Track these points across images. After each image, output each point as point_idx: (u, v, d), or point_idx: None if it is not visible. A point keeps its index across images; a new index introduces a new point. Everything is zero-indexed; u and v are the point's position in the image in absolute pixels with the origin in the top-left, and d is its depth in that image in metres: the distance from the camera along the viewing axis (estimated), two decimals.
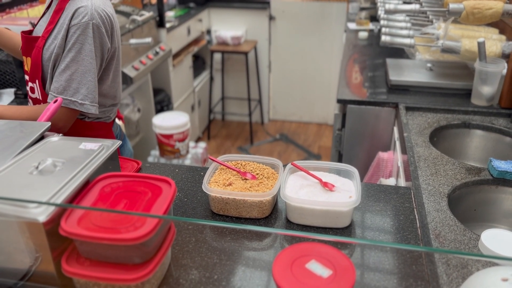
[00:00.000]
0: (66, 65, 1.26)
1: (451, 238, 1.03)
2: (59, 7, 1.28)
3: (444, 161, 1.37)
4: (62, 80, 1.26)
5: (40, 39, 1.30)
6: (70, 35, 1.25)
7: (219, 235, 1.04)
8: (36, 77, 1.32)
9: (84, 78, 1.27)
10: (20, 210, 0.76)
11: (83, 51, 1.25)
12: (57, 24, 1.28)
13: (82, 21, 1.23)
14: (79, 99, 1.27)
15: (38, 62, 1.30)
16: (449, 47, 1.78)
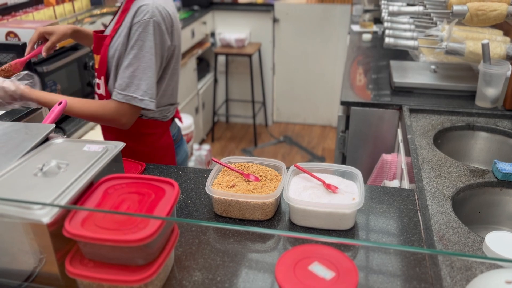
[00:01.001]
0: (129, 62, 1.31)
1: (455, 240, 1.02)
2: (126, 7, 1.35)
3: (448, 163, 1.36)
4: (125, 77, 1.31)
5: (107, 37, 1.37)
6: (132, 32, 1.30)
7: (222, 237, 1.04)
8: (102, 74, 1.39)
9: (145, 75, 1.31)
10: (24, 211, 0.77)
11: (144, 48, 1.30)
12: (122, 23, 1.35)
13: (143, 19, 1.28)
14: (139, 95, 1.31)
15: (104, 59, 1.37)
16: (453, 49, 1.78)
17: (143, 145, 1.50)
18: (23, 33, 1.94)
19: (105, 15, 2.71)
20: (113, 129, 1.49)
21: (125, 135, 1.46)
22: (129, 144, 1.45)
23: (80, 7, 2.83)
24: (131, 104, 1.32)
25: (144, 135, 1.49)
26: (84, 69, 2.21)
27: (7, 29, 1.95)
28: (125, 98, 1.31)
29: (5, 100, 1.26)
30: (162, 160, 1.54)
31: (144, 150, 1.50)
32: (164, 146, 1.55)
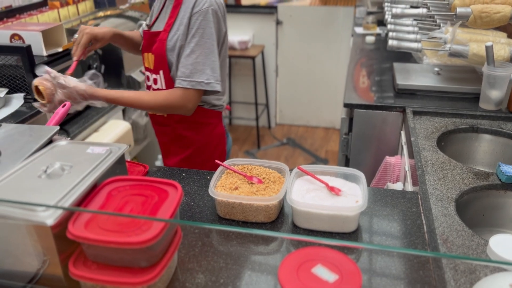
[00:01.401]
0: (191, 50, 1.37)
1: (459, 243, 1.02)
2: (177, 2, 1.42)
3: (452, 165, 1.36)
4: (188, 65, 1.38)
5: (162, 32, 1.44)
6: (192, 22, 1.37)
7: (226, 239, 1.04)
8: (161, 68, 1.45)
9: (208, 59, 1.38)
10: (28, 213, 0.77)
11: (205, 34, 1.37)
12: (177, 17, 1.41)
13: (203, 8, 1.36)
14: (204, 79, 1.38)
15: (163, 53, 1.42)
16: (456, 51, 1.77)
17: (201, 135, 1.57)
18: (28, 35, 1.95)
19: (109, 18, 2.72)
20: (170, 121, 1.54)
21: (183, 126, 1.54)
22: (187, 134, 1.56)
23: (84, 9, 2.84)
24: (196, 90, 1.39)
25: (203, 125, 1.56)
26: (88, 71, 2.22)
27: (11, 32, 1.96)
28: (190, 84, 1.37)
29: (76, 100, 1.32)
30: (216, 149, 1.64)
31: (201, 139, 1.58)
32: (219, 135, 1.63)
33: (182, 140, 1.58)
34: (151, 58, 1.48)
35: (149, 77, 1.53)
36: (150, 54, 1.48)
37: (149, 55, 1.49)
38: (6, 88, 1.89)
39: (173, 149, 1.62)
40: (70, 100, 1.31)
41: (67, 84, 1.29)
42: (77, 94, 1.31)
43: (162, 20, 1.49)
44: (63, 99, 1.30)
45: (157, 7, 1.57)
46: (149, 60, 1.49)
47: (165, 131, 1.60)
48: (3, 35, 1.97)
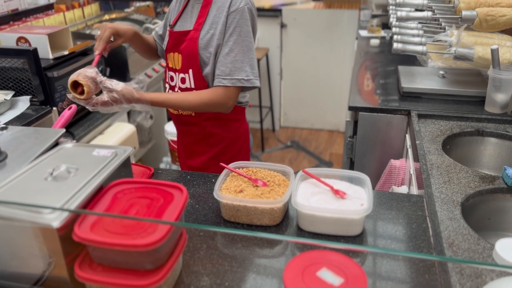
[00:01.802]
0: (230, 48, 1.40)
1: (465, 247, 1.01)
2: (206, 2, 1.44)
3: (457, 169, 1.35)
4: (228, 63, 1.40)
5: (192, 31, 1.44)
6: (230, 21, 1.39)
7: (230, 242, 1.04)
8: (190, 67, 1.46)
9: (247, 57, 1.41)
10: (34, 215, 0.78)
11: (242, 33, 1.40)
12: (208, 16, 1.43)
13: (239, 7, 1.39)
14: (244, 76, 1.41)
15: (195, 52, 1.43)
16: (462, 54, 1.77)
17: (230, 131, 1.58)
18: (34, 38, 1.96)
19: (114, 21, 2.74)
20: (199, 119, 1.54)
21: (212, 123, 1.54)
22: (216, 131, 1.56)
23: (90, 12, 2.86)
24: (236, 87, 1.41)
25: (231, 121, 1.57)
26: None
27: (18, 35, 1.98)
28: (231, 82, 1.40)
29: (121, 103, 1.32)
30: (243, 145, 1.66)
31: (230, 136, 1.59)
32: (245, 131, 1.66)
33: (210, 138, 1.58)
34: (177, 58, 1.49)
35: (173, 77, 1.53)
36: (177, 53, 1.49)
37: (175, 55, 1.50)
38: (12, 90, 1.90)
39: (199, 148, 1.61)
40: (114, 102, 1.31)
41: (114, 88, 1.30)
42: (123, 98, 1.31)
43: (188, 19, 1.50)
44: (108, 101, 1.31)
45: (177, 7, 1.58)
46: (175, 59, 1.50)
47: (192, 131, 1.59)
48: (9, 38, 1.99)
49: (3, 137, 1.09)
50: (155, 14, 3.40)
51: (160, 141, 3.07)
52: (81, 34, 2.44)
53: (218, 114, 1.52)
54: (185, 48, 1.46)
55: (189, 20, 1.49)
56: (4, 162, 0.98)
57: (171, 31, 1.52)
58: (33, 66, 1.83)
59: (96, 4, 2.95)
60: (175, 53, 1.50)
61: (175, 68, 1.51)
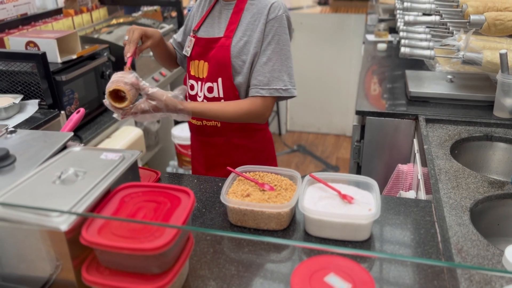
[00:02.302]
0: (268, 57, 1.36)
1: (474, 253, 1.00)
2: (238, 8, 1.40)
3: (466, 174, 1.34)
4: (266, 72, 1.36)
5: (223, 38, 1.39)
6: (268, 29, 1.36)
7: (237, 247, 1.04)
8: (220, 76, 1.40)
9: (285, 66, 1.38)
10: (42, 218, 0.78)
11: (281, 41, 1.37)
12: (241, 23, 1.39)
13: (278, 14, 1.36)
14: (282, 86, 1.37)
15: (226, 60, 1.38)
16: (470, 59, 1.76)
17: (256, 141, 1.55)
18: (43, 42, 1.97)
19: (122, 25, 2.76)
20: (226, 130, 1.48)
21: (239, 134, 1.50)
22: (243, 142, 1.52)
23: (98, 17, 2.88)
24: (273, 97, 1.38)
25: (257, 131, 1.54)
26: (101, 78, 2.25)
27: (27, 39, 1.99)
28: (269, 92, 1.36)
29: (161, 111, 1.25)
30: (270, 153, 1.63)
31: (257, 146, 1.56)
32: (270, 139, 1.62)
33: (236, 150, 1.52)
34: (202, 66, 1.43)
35: (194, 85, 1.48)
36: (202, 61, 1.43)
37: (200, 62, 1.44)
38: (21, 94, 1.91)
39: (222, 160, 1.54)
40: (155, 111, 1.24)
41: (158, 97, 1.22)
42: (165, 108, 1.24)
43: (215, 25, 1.45)
44: (149, 110, 1.23)
45: (199, 12, 1.53)
46: (200, 68, 1.44)
47: (216, 142, 1.52)
48: (18, 42, 2.00)
49: (12, 140, 1.09)
50: (162, 18, 3.42)
51: (167, 145, 3.08)
52: (89, 38, 2.46)
53: (245, 125, 1.48)
54: (214, 56, 1.40)
55: (217, 26, 1.44)
56: (13, 165, 0.98)
57: (196, 37, 1.46)
58: (41, 70, 1.84)
59: (104, 8, 2.97)
60: (200, 61, 1.44)
61: (199, 76, 1.45)
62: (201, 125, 1.50)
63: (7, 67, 1.92)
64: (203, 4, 1.53)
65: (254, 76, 1.38)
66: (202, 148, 1.58)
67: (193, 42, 1.47)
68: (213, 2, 1.48)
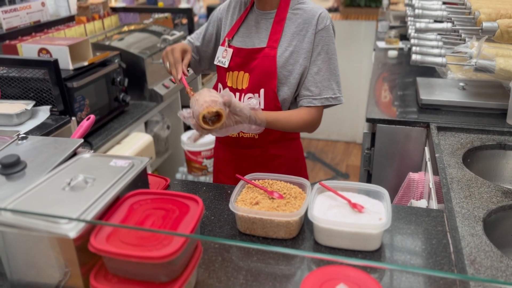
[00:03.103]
0: (318, 67, 1.36)
1: (487, 265, 0.98)
2: (280, 17, 1.37)
3: (479, 183, 1.32)
4: (317, 83, 1.36)
5: (267, 49, 1.36)
6: (318, 39, 1.35)
7: (246, 255, 1.03)
8: (263, 87, 1.37)
9: (333, 74, 1.38)
10: (51, 225, 0.78)
11: (330, 51, 1.37)
12: (284, 32, 1.37)
13: (327, 24, 1.35)
14: (331, 94, 1.37)
15: (272, 70, 1.35)
16: (483, 66, 1.74)
17: (291, 151, 1.53)
18: (55, 49, 2.00)
19: (133, 32, 2.78)
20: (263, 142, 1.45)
21: (276, 145, 1.47)
22: (279, 152, 1.48)
23: (109, 24, 2.91)
24: (324, 106, 1.39)
25: (292, 140, 1.52)
26: (112, 85, 2.26)
27: (39, 46, 2.02)
28: (320, 102, 1.37)
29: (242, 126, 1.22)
30: (303, 162, 1.61)
31: (292, 156, 1.53)
32: (302, 148, 1.60)
33: (273, 161, 1.49)
34: (242, 77, 1.40)
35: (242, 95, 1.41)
36: (242, 72, 1.39)
37: (240, 73, 1.40)
38: (33, 100, 1.93)
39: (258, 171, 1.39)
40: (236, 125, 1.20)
41: (245, 113, 1.19)
42: (247, 121, 1.21)
43: (253, 35, 1.40)
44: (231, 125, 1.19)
45: (229, 20, 1.48)
46: (239, 79, 1.40)
47: (252, 154, 1.48)
48: (31, 49, 2.03)
49: (23, 146, 1.10)
50: (173, 25, 3.45)
51: (177, 151, 3.09)
52: (101, 45, 2.48)
53: (282, 134, 1.45)
54: (258, 67, 1.37)
55: (256, 35, 1.40)
56: (23, 171, 0.99)
57: (234, 47, 1.41)
58: (53, 77, 1.86)
59: (115, 16, 3.00)
60: (240, 72, 1.40)
61: (237, 87, 1.41)
62: (237, 137, 1.45)
63: (20, 74, 1.95)
64: (232, 12, 1.48)
65: (305, 87, 1.37)
66: (234, 161, 1.53)
67: (230, 52, 1.42)
68: (246, 11, 1.44)
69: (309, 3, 1.38)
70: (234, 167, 1.53)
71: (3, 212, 0.81)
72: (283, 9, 1.37)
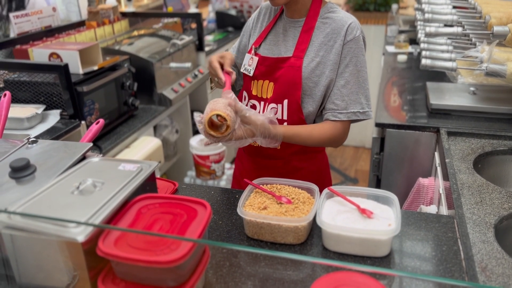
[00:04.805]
0: (346, 80, 1.30)
1: (499, 272, 0.97)
2: (308, 26, 1.32)
3: (490, 189, 1.30)
4: (344, 96, 1.31)
5: (293, 59, 1.32)
6: (346, 51, 1.30)
7: (254, 260, 1.02)
8: (287, 97, 1.33)
9: (362, 88, 1.31)
10: (60, 229, 0.78)
11: (358, 63, 1.31)
12: (312, 42, 1.32)
13: (356, 35, 1.30)
14: (359, 109, 1.32)
15: (297, 81, 1.31)
16: (494, 71, 1.72)
17: (314, 163, 1.47)
18: (65, 54, 2.02)
19: (143, 37, 2.80)
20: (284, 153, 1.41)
21: (299, 157, 1.43)
22: (302, 165, 1.43)
23: (119, 29, 2.93)
24: (351, 120, 1.33)
25: (316, 153, 1.47)
26: (122, 89, 2.28)
27: (50, 50, 2.04)
28: (347, 116, 1.31)
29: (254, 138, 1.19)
30: (327, 176, 1.55)
31: (315, 169, 1.47)
32: (327, 161, 1.55)
33: (295, 173, 1.43)
34: (266, 86, 1.36)
35: (256, 105, 1.39)
36: (267, 81, 1.36)
37: (264, 82, 1.36)
38: (44, 104, 1.95)
39: None
40: (248, 136, 1.16)
41: (254, 121, 1.15)
42: (259, 133, 1.17)
43: (280, 43, 1.37)
44: (243, 135, 1.15)
45: (258, 27, 1.45)
46: (264, 88, 1.37)
47: (275, 165, 1.44)
48: (42, 53, 2.05)
49: (33, 150, 1.11)
50: (182, 30, 3.46)
51: (185, 155, 3.10)
52: (111, 49, 2.50)
53: (305, 147, 1.40)
54: (283, 77, 1.32)
55: (283, 44, 1.36)
56: (33, 175, 1.00)
57: (259, 56, 1.38)
58: (64, 81, 1.88)
59: (125, 20, 3.02)
60: (265, 81, 1.36)
61: (262, 96, 1.37)
62: (259, 146, 1.39)
63: (31, 78, 1.97)
64: (261, 19, 1.45)
65: (331, 100, 1.32)
66: (256, 170, 1.49)
67: (256, 60, 1.38)
68: (275, 18, 1.41)
69: (339, 12, 1.33)
70: (255, 176, 1.47)
71: (12, 215, 0.81)
72: (312, 17, 1.32)
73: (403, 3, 4.47)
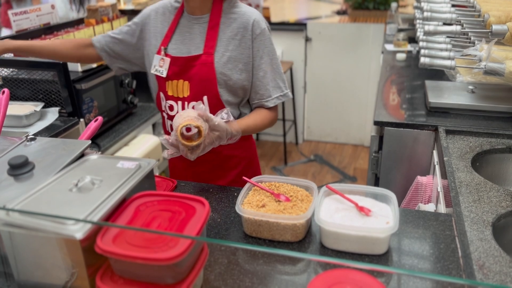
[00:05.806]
0: (264, 71, 1.41)
1: (496, 270, 0.97)
2: (213, 22, 1.37)
3: (488, 187, 1.31)
4: (265, 85, 1.42)
5: (204, 56, 1.36)
6: (257, 45, 1.39)
7: (252, 258, 1.03)
8: (204, 94, 1.38)
9: (278, 73, 1.44)
10: (58, 226, 0.78)
11: (270, 52, 1.42)
12: (220, 38, 1.37)
13: (263, 28, 1.39)
14: (280, 92, 1.45)
15: (211, 77, 1.36)
16: (492, 69, 1.72)
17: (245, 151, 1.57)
18: None
19: None
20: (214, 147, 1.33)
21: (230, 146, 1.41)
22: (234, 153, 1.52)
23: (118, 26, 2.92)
24: None
25: (245, 140, 1.55)
26: (120, 87, 2.27)
27: None
28: (273, 102, 1.44)
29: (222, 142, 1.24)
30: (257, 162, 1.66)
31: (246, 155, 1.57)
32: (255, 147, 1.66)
33: (228, 162, 1.52)
34: (182, 85, 1.39)
35: (174, 106, 1.42)
36: (182, 81, 1.38)
37: (179, 82, 1.39)
38: (42, 102, 1.95)
39: (212, 175, 1.53)
40: (216, 142, 1.22)
41: (222, 127, 1.21)
42: (225, 137, 1.23)
43: (187, 42, 1.39)
44: (213, 141, 1.20)
45: (159, 27, 1.44)
46: (179, 87, 1.39)
47: (208, 159, 1.46)
48: None
49: (31, 148, 1.11)
50: None
51: None
52: None
53: None
54: (197, 75, 1.36)
55: (190, 42, 1.39)
56: (31, 172, 1.00)
57: (171, 56, 1.39)
58: (62, 79, 1.87)
59: (124, 18, 3.01)
60: (179, 80, 1.39)
61: (178, 96, 1.40)
62: None
63: (29, 76, 1.96)
64: (160, 19, 1.45)
65: (255, 91, 1.43)
66: (191, 168, 1.53)
67: (168, 61, 1.39)
68: (177, 16, 1.42)
69: (241, 6, 1.41)
70: (191, 174, 1.55)
71: (11, 212, 0.81)
72: (216, 14, 1.38)
73: (403, 2, 4.47)
